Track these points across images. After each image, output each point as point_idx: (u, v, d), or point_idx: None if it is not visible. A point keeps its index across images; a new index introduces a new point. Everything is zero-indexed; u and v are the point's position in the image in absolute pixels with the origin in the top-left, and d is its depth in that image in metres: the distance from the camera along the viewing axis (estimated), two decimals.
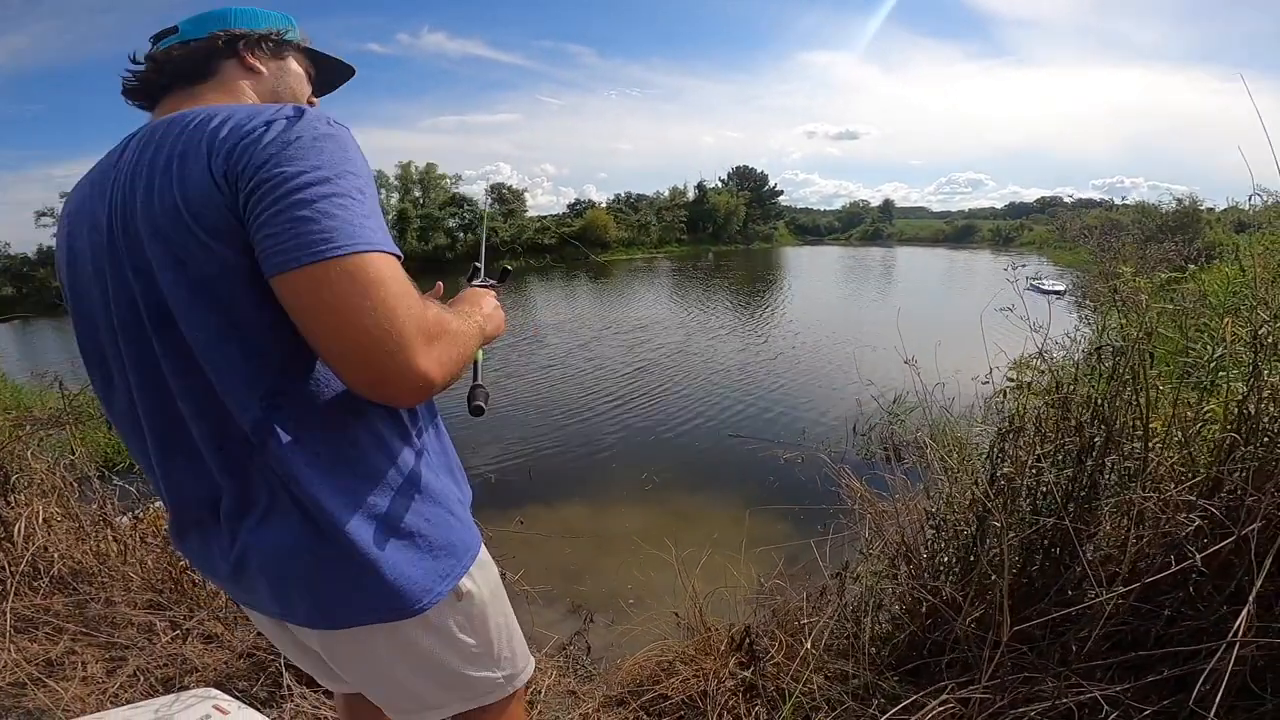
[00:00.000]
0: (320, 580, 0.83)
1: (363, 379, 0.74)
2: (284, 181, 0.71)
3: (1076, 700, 1.53)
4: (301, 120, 0.76)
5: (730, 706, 1.97)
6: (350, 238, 0.71)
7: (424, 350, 0.73)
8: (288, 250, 0.70)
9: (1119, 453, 1.80)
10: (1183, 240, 7.24)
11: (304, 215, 0.70)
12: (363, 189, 0.76)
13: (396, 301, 0.72)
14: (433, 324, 0.76)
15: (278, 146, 0.73)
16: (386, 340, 0.71)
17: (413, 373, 0.73)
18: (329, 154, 0.74)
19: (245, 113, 0.77)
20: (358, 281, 0.70)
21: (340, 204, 0.72)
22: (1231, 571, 1.52)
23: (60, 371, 4.00)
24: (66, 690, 2.06)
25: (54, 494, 3.02)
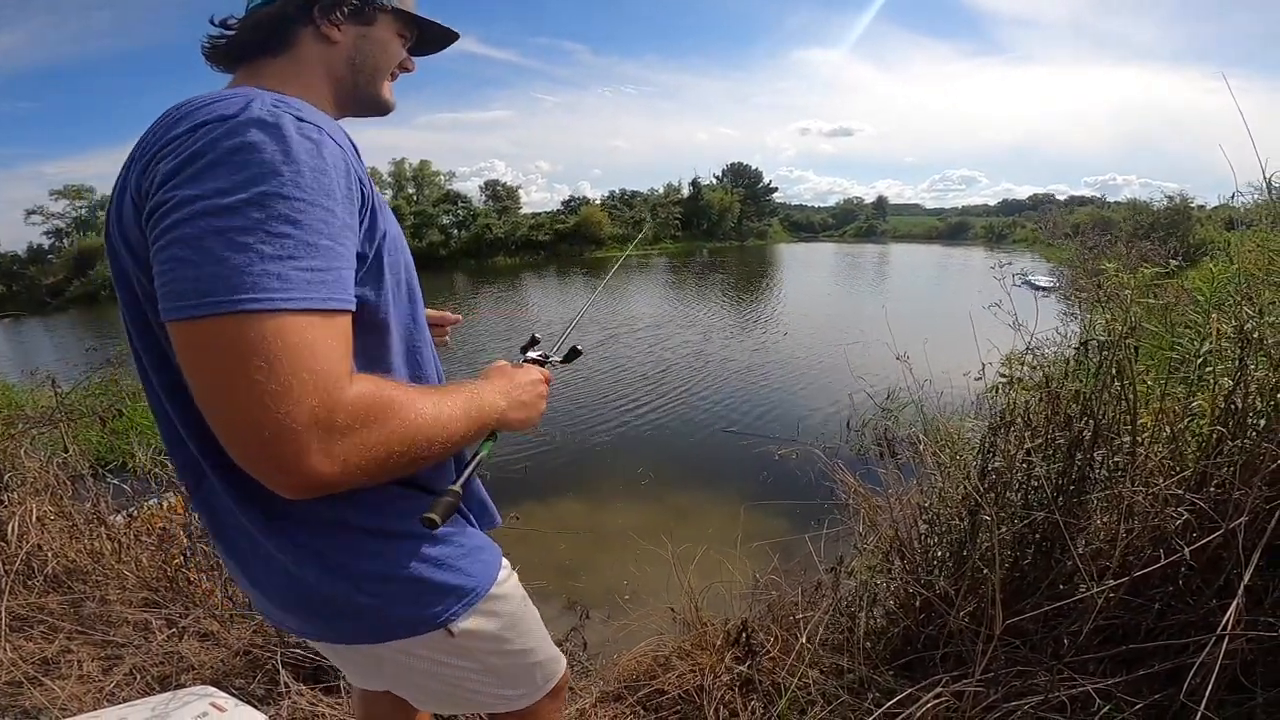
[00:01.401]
0: (317, 611, 0.81)
1: (239, 462, 0.61)
2: (175, 207, 0.59)
3: (1069, 694, 1.54)
4: (231, 122, 0.62)
5: (726, 701, 1.98)
6: (232, 289, 0.56)
7: (319, 445, 0.59)
8: (162, 296, 0.60)
9: (1108, 447, 1.82)
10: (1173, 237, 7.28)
11: (182, 256, 0.58)
12: (295, 214, 0.60)
13: (286, 381, 0.57)
14: (350, 408, 0.61)
15: (186, 158, 0.61)
16: (260, 427, 0.57)
17: (294, 471, 0.60)
18: (250, 170, 0.59)
19: (194, 107, 0.66)
20: (233, 348, 0.57)
21: (239, 241, 0.57)
22: (1220, 565, 1.53)
23: (52, 370, 3.98)
24: (63, 689, 2.05)
25: (47, 492, 3.01)
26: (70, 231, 44.78)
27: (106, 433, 6.83)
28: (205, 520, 0.86)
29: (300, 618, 0.84)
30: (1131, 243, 3.34)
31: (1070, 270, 3.85)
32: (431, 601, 0.84)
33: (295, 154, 0.61)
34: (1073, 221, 11.93)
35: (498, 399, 0.84)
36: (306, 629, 0.86)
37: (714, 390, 10.41)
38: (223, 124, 0.62)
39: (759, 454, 7.11)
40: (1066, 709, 1.54)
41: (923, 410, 2.96)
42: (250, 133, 0.61)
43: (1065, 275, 4.51)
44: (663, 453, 7.42)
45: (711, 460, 7.36)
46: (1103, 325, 1.90)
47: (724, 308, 20.98)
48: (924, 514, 2.25)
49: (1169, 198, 26.55)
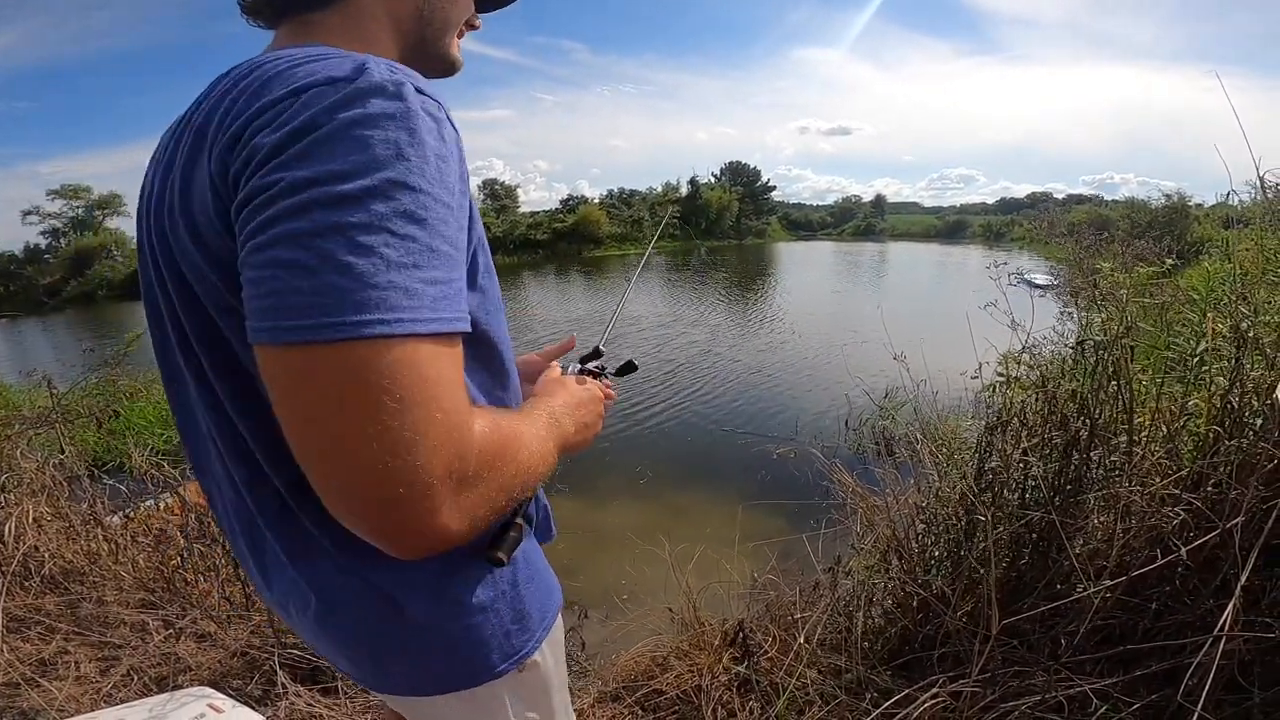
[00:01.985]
0: (368, 649, 0.69)
1: (345, 520, 0.49)
2: (281, 195, 0.46)
3: (1066, 694, 1.55)
4: (346, 88, 0.49)
5: (724, 701, 1.98)
6: (358, 306, 0.45)
7: (449, 499, 0.48)
8: (258, 312, 0.47)
9: (1105, 446, 1.82)
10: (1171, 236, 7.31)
11: (290, 259, 0.45)
12: (419, 209, 0.48)
13: (420, 424, 0.46)
14: (479, 453, 0.51)
15: (294, 132, 0.48)
16: (389, 481, 0.46)
17: (425, 532, 0.49)
18: (373, 149, 0.47)
19: (283, 69, 0.53)
20: (360, 387, 0.45)
21: (362, 242, 0.45)
22: (1217, 565, 1.54)
23: (49, 370, 3.98)
24: (60, 690, 2.05)
25: (44, 493, 3.01)
26: (67, 231, 44.67)
27: (103, 433, 6.85)
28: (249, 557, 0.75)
29: (350, 663, 0.73)
30: (1128, 242, 3.34)
31: (1067, 269, 3.86)
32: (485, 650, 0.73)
33: (420, 133, 0.50)
34: (1070, 220, 11.97)
35: (569, 423, 0.75)
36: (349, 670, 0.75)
37: (713, 389, 10.41)
38: (334, 89, 0.49)
39: (757, 453, 7.11)
40: (1064, 709, 1.55)
41: (919, 410, 2.96)
42: (370, 102, 0.49)
43: (1062, 274, 4.52)
44: (660, 452, 7.42)
45: (709, 460, 7.35)
46: (1099, 325, 1.90)
47: (722, 307, 20.98)
48: (921, 514, 2.25)
49: (1167, 196, 26.62)
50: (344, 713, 2.01)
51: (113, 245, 42.47)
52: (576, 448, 0.78)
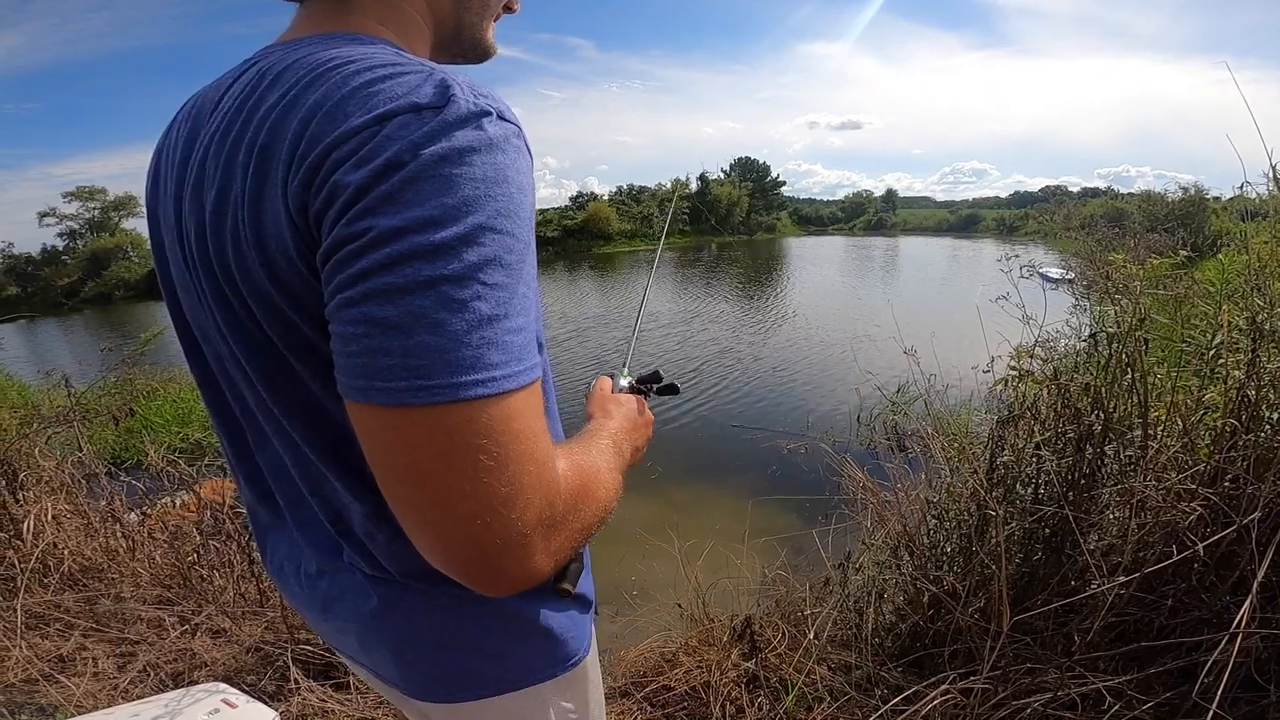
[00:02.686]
0: (417, 657, 0.68)
1: (438, 565, 0.49)
2: (371, 246, 0.44)
3: (1079, 691, 1.53)
4: (438, 117, 0.46)
5: (733, 697, 1.98)
6: (458, 369, 0.44)
7: (541, 545, 0.49)
8: (350, 370, 0.46)
9: (1119, 441, 1.80)
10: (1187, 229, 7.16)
11: (383, 318, 0.43)
12: (506, 253, 0.47)
13: (515, 478, 0.46)
14: (565, 501, 0.51)
15: (379, 171, 0.44)
16: (487, 535, 0.46)
17: (518, 577, 0.50)
18: (462, 190, 0.45)
19: (359, 83, 0.48)
20: (457, 448, 0.44)
21: (455, 297, 0.44)
22: (1234, 561, 1.52)
23: (67, 370, 4.03)
24: (78, 686, 2.08)
25: (62, 491, 3.05)
26: (83, 233, 45.29)
27: (120, 431, 6.93)
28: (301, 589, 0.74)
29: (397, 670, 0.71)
30: (1143, 235, 3.30)
31: (1081, 262, 3.82)
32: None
33: (505, 169, 0.47)
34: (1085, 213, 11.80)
35: (627, 448, 0.74)
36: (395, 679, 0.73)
37: (722, 384, 10.39)
38: (420, 119, 0.45)
39: (767, 448, 7.09)
40: (1077, 707, 1.53)
41: (930, 405, 2.94)
42: (455, 135, 0.45)
43: (1077, 267, 4.46)
44: (670, 447, 7.41)
45: (718, 455, 7.35)
46: (1112, 317, 1.88)
47: (732, 303, 20.94)
48: (932, 509, 2.24)
49: (1183, 189, 26.27)
50: (356, 708, 2.03)
51: (129, 246, 42.99)
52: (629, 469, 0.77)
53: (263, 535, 0.80)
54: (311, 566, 0.71)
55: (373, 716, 2.01)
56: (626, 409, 0.81)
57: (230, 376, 0.64)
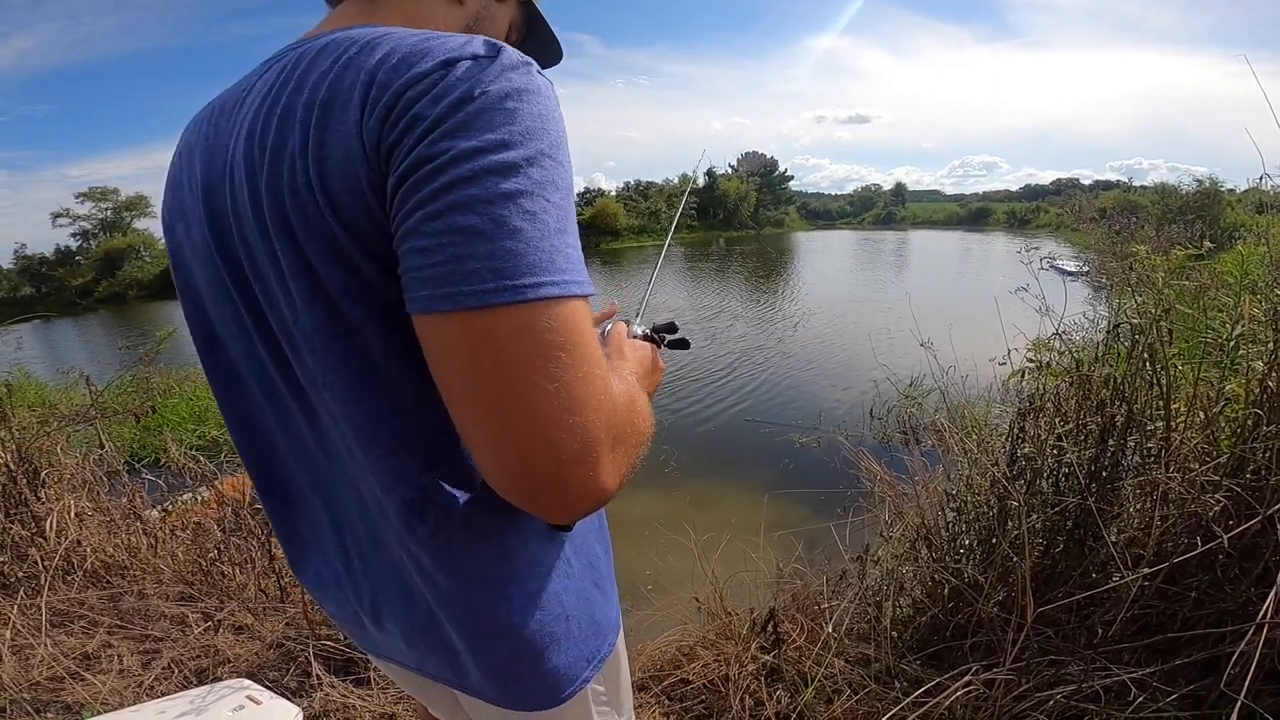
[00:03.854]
0: (459, 659, 0.68)
1: (514, 488, 0.50)
2: (452, 163, 0.47)
3: (1103, 683, 1.53)
4: (495, 63, 0.50)
5: (752, 690, 1.98)
6: (537, 270, 0.47)
7: (609, 456, 0.50)
8: (435, 280, 0.47)
9: (1141, 432, 1.79)
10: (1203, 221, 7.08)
11: (469, 225, 0.46)
12: (561, 180, 0.51)
13: (589, 381, 0.48)
14: (623, 411, 0.52)
15: (454, 103, 0.48)
16: (564, 443, 0.47)
17: (590, 492, 0.50)
18: (526, 120, 0.49)
19: (415, 41, 0.52)
20: (539, 346, 0.46)
21: (531, 208, 0.47)
22: (1258, 553, 1.50)
23: (84, 369, 4.07)
24: (104, 683, 2.11)
25: (84, 488, 3.09)
26: (97, 233, 45.67)
27: (140, 429, 7.00)
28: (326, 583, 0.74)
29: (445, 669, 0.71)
30: (1161, 227, 3.27)
31: (1098, 254, 3.78)
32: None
33: (552, 110, 0.52)
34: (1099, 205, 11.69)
35: (643, 379, 0.75)
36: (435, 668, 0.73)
37: (735, 378, 10.39)
38: (480, 64, 0.50)
39: (781, 442, 7.09)
40: (1100, 699, 1.53)
41: (947, 397, 2.92)
42: (512, 77, 0.50)
43: (1093, 260, 4.42)
44: (685, 441, 7.41)
45: (733, 448, 7.34)
46: (1134, 309, 1.86)
47: (742, 296, 20.90)
48: (951, 501, 2.23)
49: (1198, 181, 25.97)
50: (376, 704, 2.05)
51: (141, 246, 43.34)
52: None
53: (292, 544, 0.78)
54: (351, 570, 0.70)
55: (393, 712, 2.03)
56: (640, 354, 0.81)
57: (265, 371, 0.64)
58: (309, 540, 0.75)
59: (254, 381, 0.66)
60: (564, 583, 0.68)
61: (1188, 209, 20.57)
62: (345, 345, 0.56)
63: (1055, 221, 13.84)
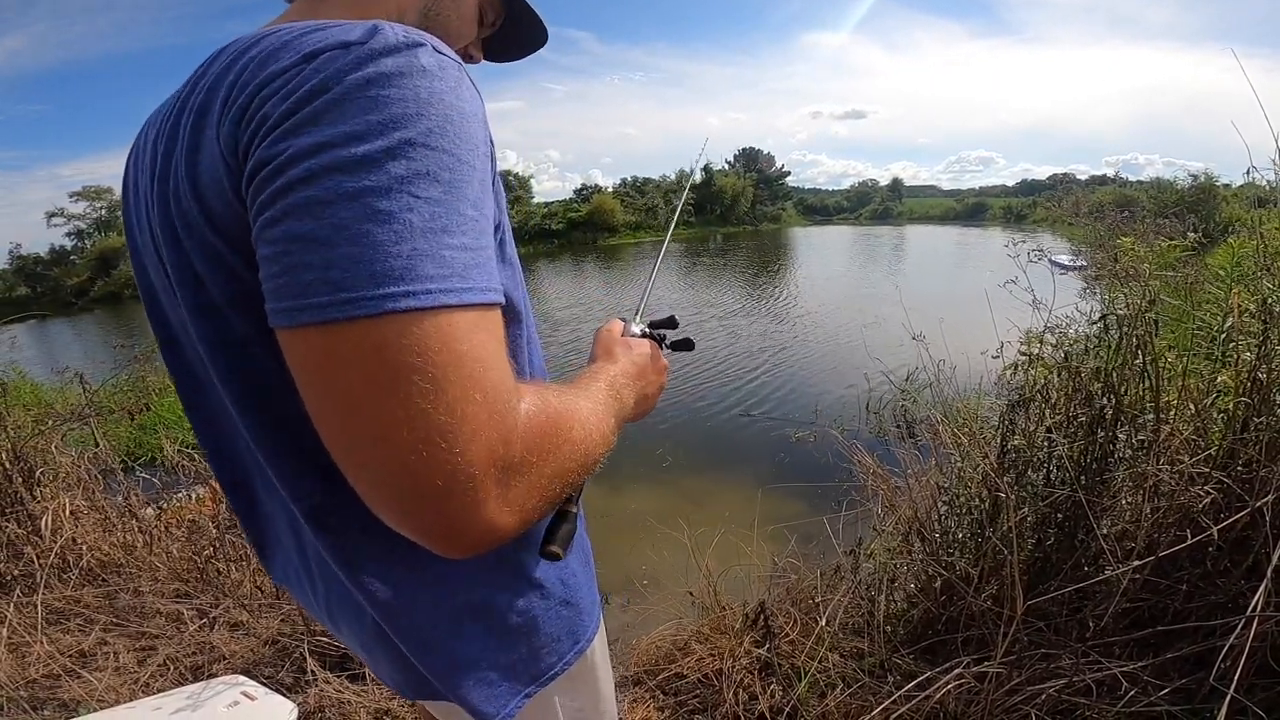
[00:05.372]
0: (400, 667, 0.66)
1: (390, 520, 0.45)
2: (289, 163, 0.42)
3: (1094, 676, 1.53)
4: (363, 48, 0.45)
5: (746, 684, 1.99)
6: (379, 279, 0.40)
7: (495, 491, 0.44)
8: (275, 293, 0.43)
9: (1131, 424, 1.80)
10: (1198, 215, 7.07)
11: (302, 232, 0.41)
12: (443, 171, 0.44)
13: (456, 407, 0.41)
14: (525, 437, 0.46)
15: (303, 97, 0.43)
16: (427, 472, 0.41)
17: (472, 529, 0.44)
18: (389, 108, 0.43)
19: (290, 36, 0.48)
20: (388, 368, 0.40)
21: (381, 207, 0.41)
22: (1248, 545, 1.51)
23: (79, 368, 4.06)
24: (100, 680, 2.11)
25: (80, 487, 3.08)
26: (91, 232, 45.56)
27: (135, 427, 7.00)
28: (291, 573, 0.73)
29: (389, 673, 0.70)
30: (1153, 221, 3.28)
31: (1091, 248, 3.79)
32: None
33: (439, 93, 0.45)
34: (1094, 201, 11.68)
35: (629, 394, 0.69)
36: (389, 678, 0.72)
37: (731, 372, 10.39)
38: (347, 52, 0.45)
39: (776, 436, 7.09)
40: (1091, 692, 1.53)
41: (940, 390, 2.93)
42: (384, 62, 0.44)
43: (1086, 254, 4.43)
44: (679, 435, 7.41)
45: (728, 443, 7.34)
46: (1122, 300, 1.87)
47: (738, 292, 20.90)
48: (943, 494, 2.24)
49: (1193, 176, 25.95)
50: (372, 699, 2.05)
51: None
52: (634, 420, 0.72)
53: (260, 548, 0.77)
54: (303, 571, 0.69)
55: (388, 708, 2.03)
56: (635, 354, 0.75)
57: (208, 377, 0.61)
58: (273, 540, 0.74)
59: (205, 384, 0.64)
60: (508, 598, 0.65)
61: (1182, 204, 20.59)
62: (235, 356, 0.54)
63: (1051, 216, 13.85)
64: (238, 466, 0.70)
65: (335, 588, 0.65)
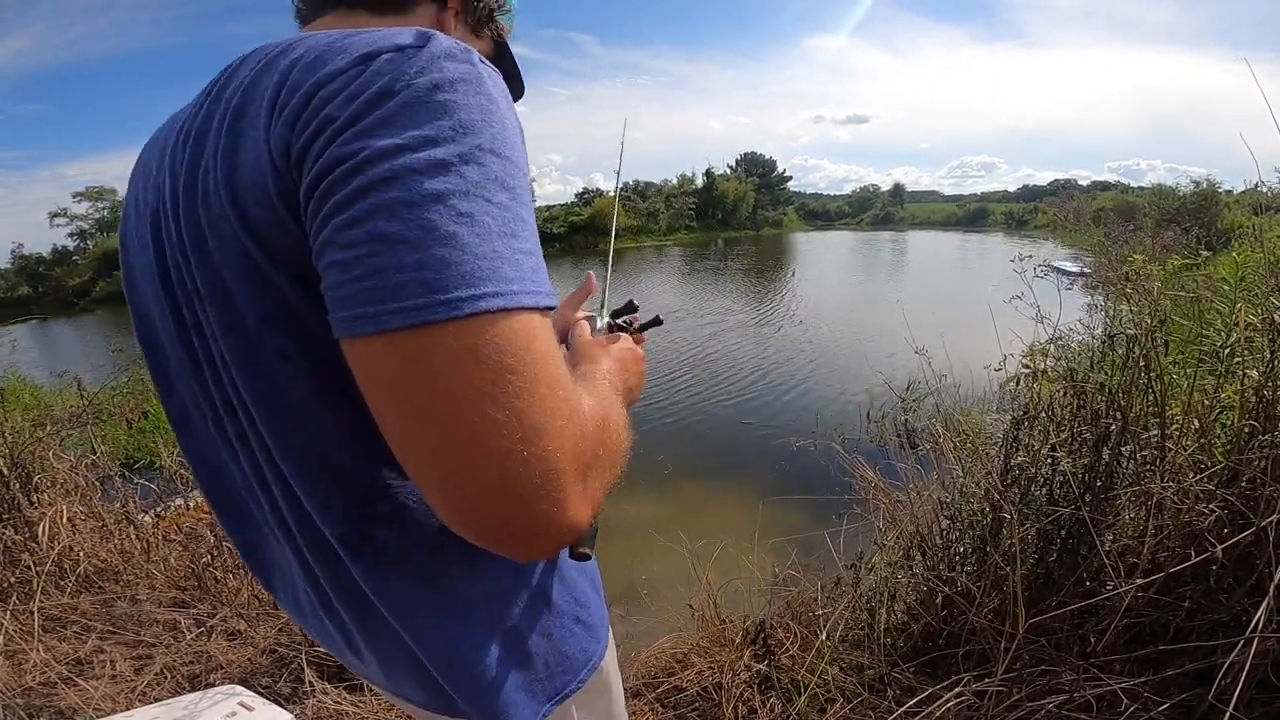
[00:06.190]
0: (427, 687, 0.65)
1: (472, 531, 0.44)
2: (368, 163, 0.41)
3: (1095, 693, 1.53)
4: (423, 52, 0.45)
5: (745, 698, 1.98)
6: (476, 280, 0.40)
7: (578, 486, 0.44)
8: (356, 298, 0.41)
9: (1135, 442, 1.79)
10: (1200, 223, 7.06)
11: (392, 232, 0.40)
12: (508, 177, 0.44)
13: (549, 405, 0.42)
14: (594, 433, 0.47)
15: (371, 100, 0.43)
16: (522, 479, 0.41)
17: (557, 529, 0.44)
18: (456, 115, 0.43)
19: (335, 38, 0.48)
20: (484, 369, 0.40)
21: (466, 210, 0.41)
22: (1251, 563, 1.50)
23: (79, 371, 4.06)
24: (96, 689, 2.10)
25: (77, 493, 3.08)
26: (94, 233, 45.58)
27: (133, 433, 6.99)
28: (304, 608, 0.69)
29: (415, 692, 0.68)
30: (1156, 232, 3.27)
31: (1094, 257, 3.79)
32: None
33: (497, 101, 0.46)
34: (1096, 207, 11.71)
35: (620, 389, 0.67)
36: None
37: (731, 382, 10.38)
38: (404, 55, 0.44)
39: (777, 446, 7.07)
40: (1092, 709, 1.53)
41: (941, 404, 2.93)
42: (445, 67, 0.44)
43: (1090, 262, 4.43)
44: (680, 445, 7.40)
45: (729, 453, 7.32)
46: (1129, 317, 1.86)
47: (740, 298, 20.91)
48: (945, 509, 2.23)
49: (1195, 183, 25.94)
50: (370, 710, 2.04)
51: None
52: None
53: (258, 568, 0.75)
54: (321, 607, 0.67)
55: (386, 719, 2.03)
56: (614, 350, 0.74)
57: (206, 396, 0.59)
58: (271, 566, 0.73)
59: (193, 408, 0.62)
60: (528, 620, 0.65)
61: (1185, 210, 20.57)
62: (267, 376, 0.52)
63: (1053, 223, 13.82)
64: (225, 486, 0.68)
65: (357, 613, 0.63)
